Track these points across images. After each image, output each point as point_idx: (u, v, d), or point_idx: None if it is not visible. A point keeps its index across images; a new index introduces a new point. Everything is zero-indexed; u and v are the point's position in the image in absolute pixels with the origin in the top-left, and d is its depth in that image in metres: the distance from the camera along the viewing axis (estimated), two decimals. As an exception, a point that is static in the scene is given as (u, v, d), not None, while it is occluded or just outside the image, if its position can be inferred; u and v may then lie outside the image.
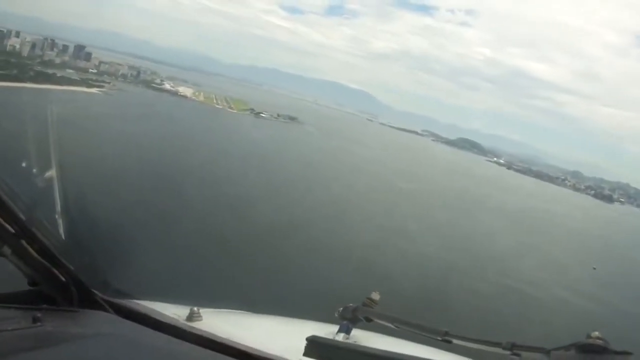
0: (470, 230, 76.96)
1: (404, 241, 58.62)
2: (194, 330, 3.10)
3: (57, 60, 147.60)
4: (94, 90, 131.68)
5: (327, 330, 3.37)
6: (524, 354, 2.48)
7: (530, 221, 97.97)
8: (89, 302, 3.09)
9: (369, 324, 3.40)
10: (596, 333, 2.15)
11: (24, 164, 3.13)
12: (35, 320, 2.70)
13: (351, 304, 3.47)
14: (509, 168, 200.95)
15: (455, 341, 2.79)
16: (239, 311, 4.15)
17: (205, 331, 3.09)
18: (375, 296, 3.57)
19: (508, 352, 2.53)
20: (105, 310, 3.13)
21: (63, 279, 2.96)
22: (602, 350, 2.06)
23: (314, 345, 2.65)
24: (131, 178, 52.36)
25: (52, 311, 2.88)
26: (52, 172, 3.20)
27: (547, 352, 2.31)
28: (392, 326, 3.15)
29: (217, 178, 64.38)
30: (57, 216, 3.16)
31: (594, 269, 70.72)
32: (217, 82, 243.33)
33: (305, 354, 2.65)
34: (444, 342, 2.84)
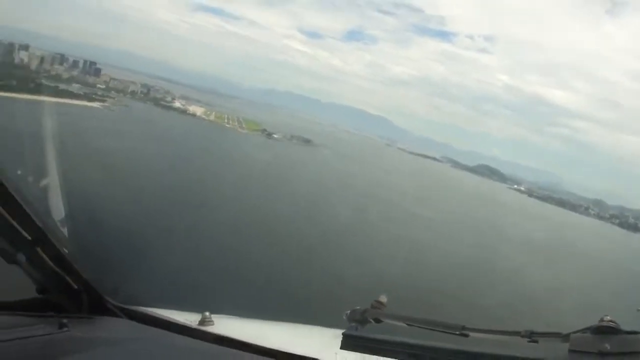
0: (494, 265, 69.27)
1: (421, 276, 53.57)
2: (208, 333, 3.25)
3: (65, 75, 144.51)
4: (95, 104, 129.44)
5: (336, 334, 3.28)
6: (542, 340, 2.59)
7: (561, 255, 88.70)
8: (101, 309, 3.19)
9: (377, 326, 3.36)
10: (608, 317, 2.36)
11: (23, 172, 3.25)
12: (61, 326, 2.83)
13: (359, 307, 3.41)
14: (530, 195, 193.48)
15: (472, 334, 2.83)
16: (249, 318, 4.09)
17: (219, 334, 3.20)
18: (383, 299, 3.54)
19: (527, 339, 2.61)
20: (117, 316, 3.23)
21: (75, 286, 3.03)
22: (615, 331, 2.27)
23: (350, 338, 2.85)
24: (118, 190, 52.02)
25: (70, 318, 2.95)
26: (51, 181, 3.32)
27: (565, 336, 2.47)
28: (405, 325, 3.13)
29: (211, 195, 63.26)
30: (65, 224, 3.26)
31: (639, 310, 58.77)
32: (232, 104, 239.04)
33: (342, 347, 2.83)
34: (461, 336, 2.84)
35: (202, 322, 3.36)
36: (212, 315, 3.43)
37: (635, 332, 2.22)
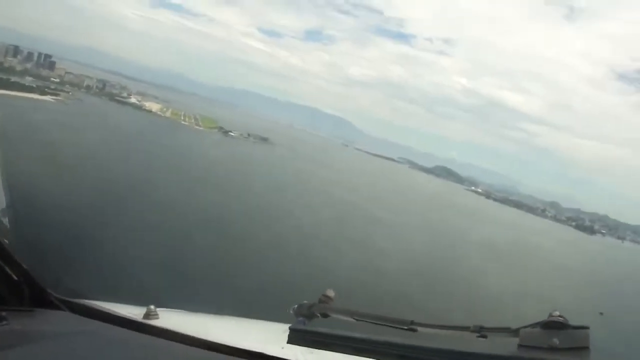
0: (453, 268, 67.90)
1: (378, 279, 51.05)
2: (153, 326, 3.09)
3: (18, 67, 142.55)
4: (47, 97, 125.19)
5: (283, 328, 3.10)
6: (492, 335, 2.52)
7: (521, 257, 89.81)
8: (43, 301, 3.07)
9: (325, 321, 3.23)
10: (557, 312, 2.30)
11: None
12: (0, 319, 2.69)
13: (306, 301, 3.33)
14: (487, 197, 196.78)
15: (421, 329, 2.77)
16: (195, 312, 3.88)
17: (164, 327, 3.05)
18: (330, 293, 3.39)
19: (476, 334, 2.54)
20: (60, 309, 3.10)
21: (15, 277, 2.93)
22: (564, 326, 2.23)
23: (297, 333, 2.73)
24: (65, 184, 50.93)
25: (10, 311, 2.83)
26: None
27: (514, 331, 2.37)
28: (353, 320, 3.03)
29: (159, 191, 60.63)
30: (6, 214, 3.15)
31: (601, 314, 59.84)
32: (191, 101, 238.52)
33: (289, 341, 2.71)
34: (409, 331, 2.78)
35: (147, 315, 3.16)
36: (157, 309, 3.22)
37: (583, 327, 2.20)
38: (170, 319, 3.24)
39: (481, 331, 2.47)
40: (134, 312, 3.22)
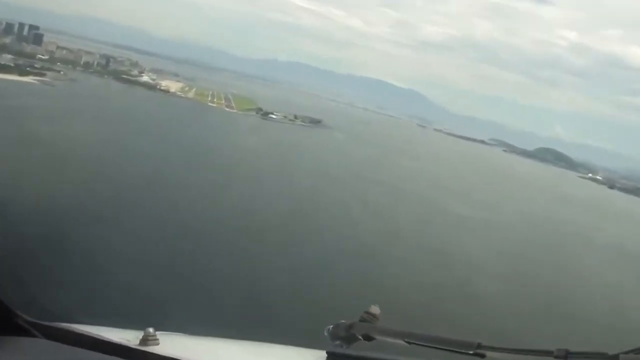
0: (581, 290, 63.52)
1: (470, 304, 49.39)
2: (152, 353, 3.06)
3: None
4: (28, 79, 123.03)
5: (314, 354, 3.28)
6: None
7: None
8: (10, 326, 3.05)
9: (367, 345, 3.17)
10: None
11: None
12: None
13: (344, 321, 3.25)
14: (611, 187, 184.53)
15: (490, 354, 2.72)
16: (201, 336, 3.91)
17: (166, 355, 3.04)
18: (375, 310, 3.28)
19: None
20: (32, 335, 3.09)
21: None
22: None
23: (336, 357, 2.86)
24: (42, 188, 51.08)
25: None
26: None
27: (612, 357, 2.44)
28: (403, 342, 2.96)
29: (168, 192, 61.65)
30: None
31: None
32: (221, 78, 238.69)
33: None
34: (475, 356, 2.72)
35: (145, 340, 3.10)
36: (157, 332, 3.17)
37: None
38: (174, 344, 3.18)
39: (568, 357, 2.44)
40: (128, 337, 3.13)
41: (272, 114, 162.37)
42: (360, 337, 3.13)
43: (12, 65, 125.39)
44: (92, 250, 37.53)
